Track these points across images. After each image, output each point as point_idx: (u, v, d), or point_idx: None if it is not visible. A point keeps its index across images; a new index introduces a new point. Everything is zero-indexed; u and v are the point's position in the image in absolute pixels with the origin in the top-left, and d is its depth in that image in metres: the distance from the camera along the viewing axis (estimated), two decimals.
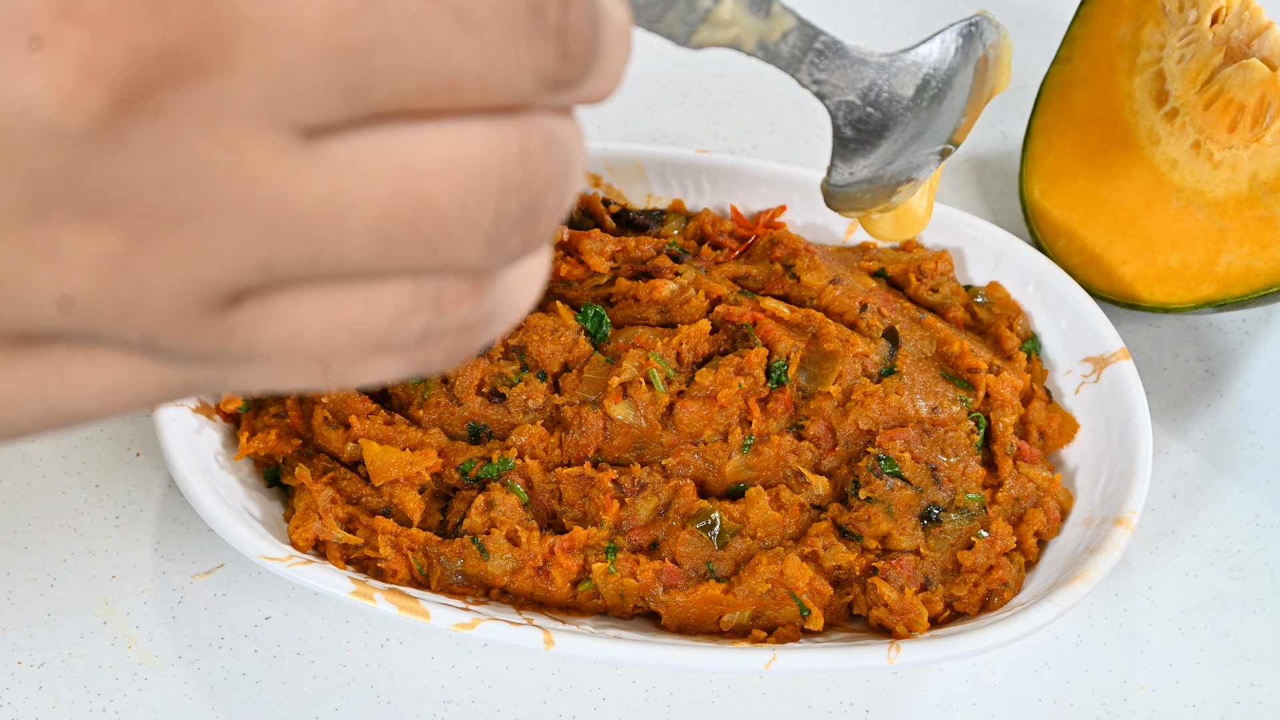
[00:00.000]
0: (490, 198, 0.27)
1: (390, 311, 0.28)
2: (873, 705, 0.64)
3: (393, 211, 0.26)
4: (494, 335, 0.30)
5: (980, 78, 0.50)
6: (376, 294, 0.27)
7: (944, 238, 0.74)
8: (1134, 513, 0.64)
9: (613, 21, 0.28)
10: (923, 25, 0.91)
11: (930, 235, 0.74)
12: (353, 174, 0.26)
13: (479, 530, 0.63)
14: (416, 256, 0.27)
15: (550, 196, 0.28)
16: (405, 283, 0.28)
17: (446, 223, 0.27)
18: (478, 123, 0.27)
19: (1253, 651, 0.67)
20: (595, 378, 0.67)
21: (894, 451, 0.64)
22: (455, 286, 0.28)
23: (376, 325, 0.28)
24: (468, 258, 0.27)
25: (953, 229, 0.74)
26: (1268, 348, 0.78)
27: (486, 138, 0.27)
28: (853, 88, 0.45)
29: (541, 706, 0.64)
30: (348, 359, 0.28)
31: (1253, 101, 0.72)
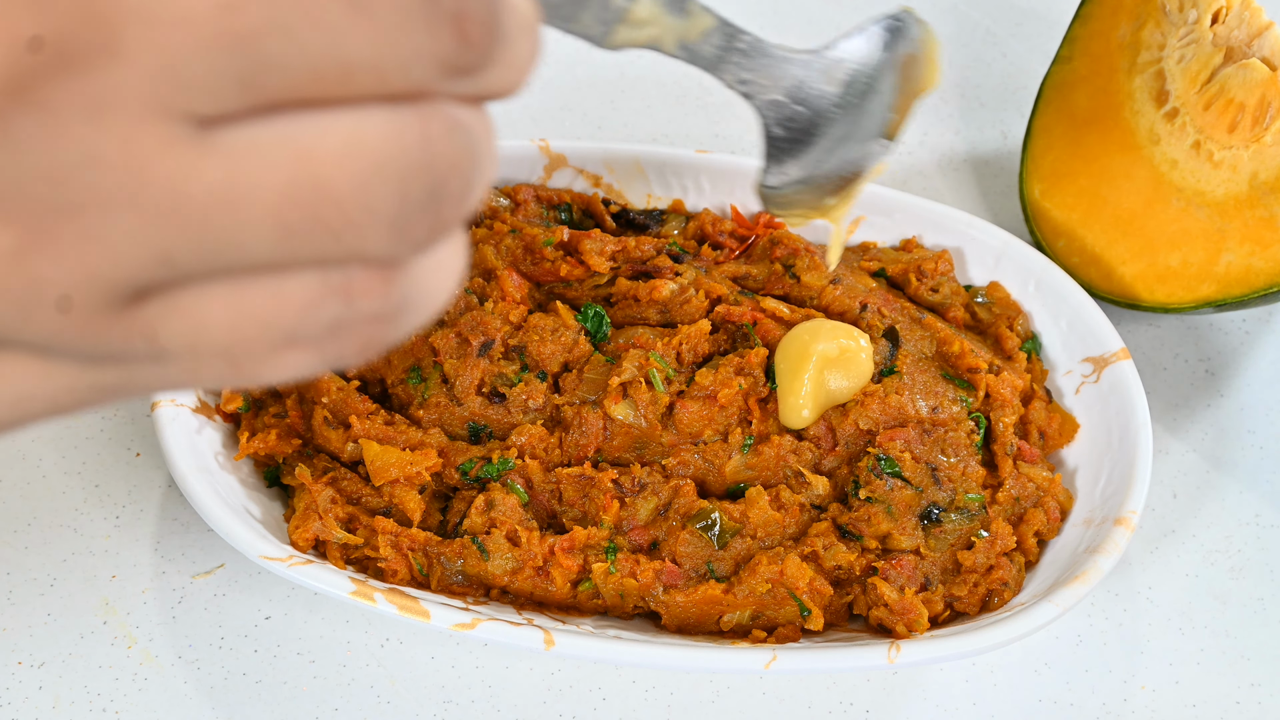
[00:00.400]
0: (391, 183, 0.26)
1: (298, 303, 0.27)
2: (873, 705, 0.64)
3: (291, 199, 0.26)
4: (409, 327, 0.29)
5: (907, 74, 0.49)
6: (283, 286, 0.27)
7: (944, 238, 0.74)
8: (1134, 513, 0.64)
9: (515, 11, 0.28)
10: None
11: (930, 235, 0.74)
12: (248, 163, 0.25)
13: (479, 530, 0.63)
14: (320, 245, 0.26)
15: (455, 182, 0.27)
16: (312, 274, 0.27)
17: (347, 209, 0.26)
18: (376, 110, 0.26)
19: (1253, 651, 0.67)
20: (595, 378, 0.67)
21: (894, 451, 0.64)
22: (364, 277, 0.28)
23: (284, 318, 0.27)
24: (374, 246, 0.27)
25: (953, 229, 0.74)
26: (1268, 348, 0.78)
27: (385, 124, 0.26)
28: (778, 86, 0.44)
29: (541, 706, 0.64)
30: (256, 353, 0.28)
31: (1253, 101, 0.72)
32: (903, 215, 0.74)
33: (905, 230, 0.74)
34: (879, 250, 0.74)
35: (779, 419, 0.65)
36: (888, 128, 0.51)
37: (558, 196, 0.74)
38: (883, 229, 0.75)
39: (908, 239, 0.74)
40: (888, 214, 0.74)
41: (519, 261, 0.70)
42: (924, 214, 0.74)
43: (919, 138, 0.86)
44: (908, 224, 0.74)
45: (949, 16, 0.92)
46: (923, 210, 0.74)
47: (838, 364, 0.65)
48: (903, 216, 0.74)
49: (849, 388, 0.65)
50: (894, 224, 0.75)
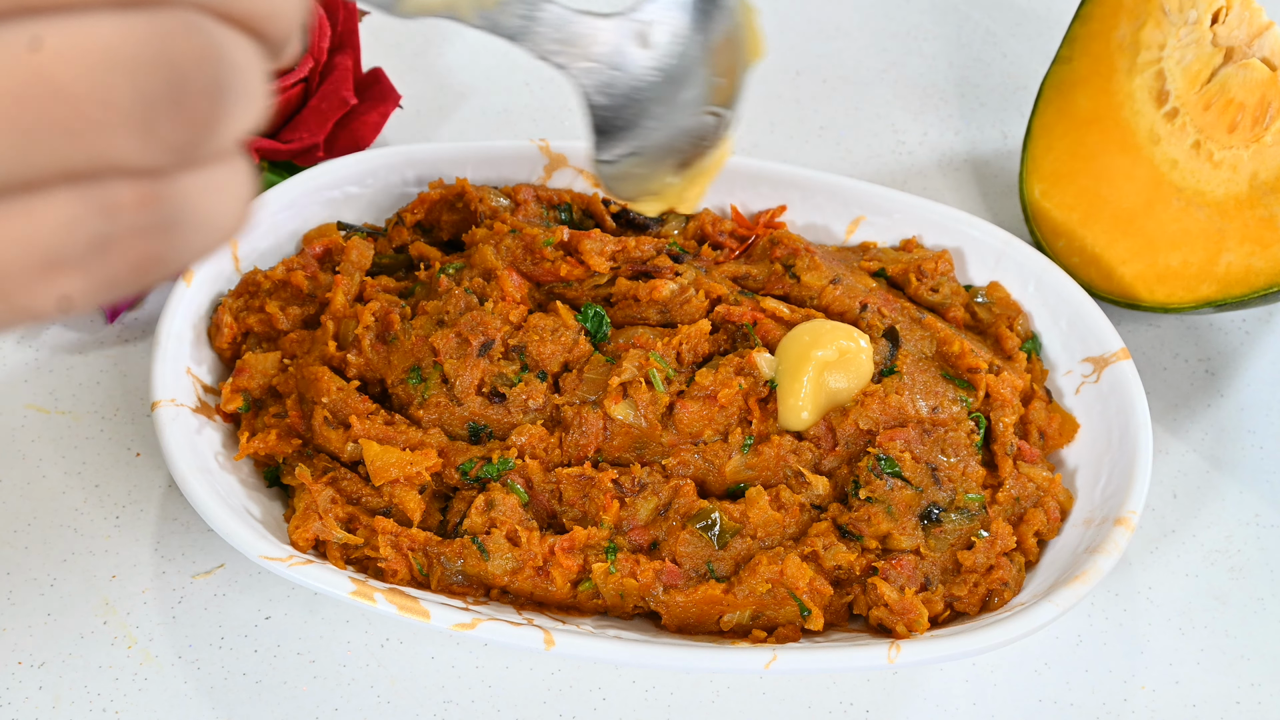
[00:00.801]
0: (123, 74, 0.25)
1: (54, 220, 0.26)
2: (873, 705, 0.64)
3: (20, 98, 0.25)
4: (188, 249, 0.28)
5: (728, 43, 0.47)
6: (35, 204, 0.26)
7: (944, 238, 0.74)
8: (1134, 513, 0.64)
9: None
10: (923, 25, 0.91)
11: (930, 235, 0.74)
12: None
13: (479, 530, 0.63)
14: (62, 150, 0.25)
15: (197, 78, 0.26)
16: (66, 189, 0.26)
17: (80, 104, 0.25)
18: (108, 11, 0.25)
19: (1253, 651, 0.67)
20: (595, 378, 0.67)
21: (894, 451, 0.64)
22: (124, 187, 0.27)
23: (42, 236, 0.26)
24: (122, 148, 0.26)
25: (953, 229, 0.74)
26: (1268, 348, 0.78)
27: (117, 21, 0.25)
28: (589, 53, 0.42)
29: (541, 706, 0.64)
30: (21, 279, 0.26)
31: (1253, 101, 0.72)
32: (903, 215, 0.74)
33: (905, 230, 0.74)
34: (879, 250, 0.74)
35: (779, 420, 0.65)
36: (719, 95, 0.47)
37: (558, 196, 0.74)
38: (883, 229, 0.75)
39: (908, 239, 0.74)
40: (888, 214, 0.75)
41: (519, 261, 0.70)
42: (924, 214, 0.74)
43: (919, 138, 0.86)
44: (908, 224, 0.74)
45: (949, 16, 0.92)
46: (923, 210, 0.74)
47: (838, 366, 0.65)
48: (903, 216, 0.74)
49: (849, 389, 0.65)
50: (894, 224, 0.75)
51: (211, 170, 0.28)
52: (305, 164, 0.79)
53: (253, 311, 0.69)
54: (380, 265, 0.72)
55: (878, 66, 0.89)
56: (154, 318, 0.74)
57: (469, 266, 0.70)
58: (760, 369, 0.65)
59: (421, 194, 0.74)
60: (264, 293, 0.69)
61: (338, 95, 0.79)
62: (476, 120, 0.85)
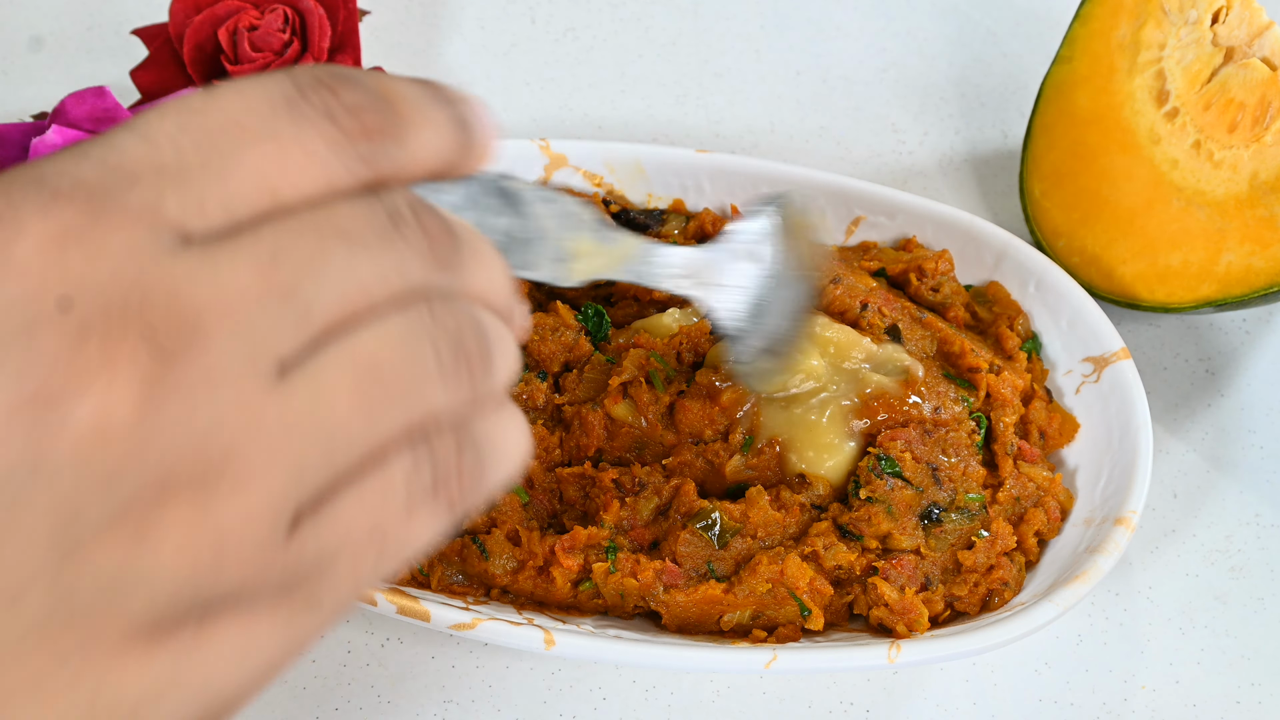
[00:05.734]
0: (424, 344, 0.34)
1: (402, 475, 0.34)
2: (873, 705, 0.64)
3: (361, 387, 0.33)
4: (490, 481, 0.36)
5: (797, 240, 0.56)
6: (387, 469, 0.34)
7: (944, 238, 0.74)
8: (1134, 512, 0.64)
9: (463, 225, 0.36)
10: (923, 25, 0.91)
11: (930, 235, 0.74)
12: (322, 382, 0.32)
13: (479, 529, 0.63)
14: (397, 413, 0.33)
15: (469, 336, 0.35)
16: (404, 451, 0.34)
17: (403, 373, 0.33)
18: (392, 311, 0.34)
19: (1253, 651, 0.67)
20: (595, 377, 0.67)
21: (894, 451, 0.64)
22: (440, 437, 0.35)
23: (398, 491, 0.34)
24: (435, 400, 0.34)
25: (953, 229, 0.74)
26: (1268, 348, 0.78)
27: (401, 316, 0.34)
28: (719, 282, 0.52)
29: (542, 706, 0.64)
30: (394, 529, 0.34)
31: (1253, 101, 0.72)
32: (903, 215, 0.74)
33: (905, 230, 0.74)
34: (879, 250, 0.74)
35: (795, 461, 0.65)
36: (803, 269, 0.58)
37: None
38: (883, 229, 0.75)
39: (908, 239, 0.74)
40: (888, 214, 0.74)
41: None
42: (924, 214, 0.74)
43: (919, 138, 0.86)
44: (908, 224, 0.74)
45: (949, 16, 0.92)
46: (923, 210, 0.74)
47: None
48: (903, 216, 0.74)
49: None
50: (894, 224, 0.75)
51: (496, 415, 0.36)
52: None
53: None
54: None
55: (878, 66, 0.89)
56: None
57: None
58: None
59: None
60: None
61: None
62: None
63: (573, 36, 0.90)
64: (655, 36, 0.90)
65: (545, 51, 0.89)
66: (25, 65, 0.86)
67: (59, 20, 0.88)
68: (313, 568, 0.33)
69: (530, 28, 0.90)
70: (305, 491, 0.32)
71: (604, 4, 0.91)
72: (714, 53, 0.89)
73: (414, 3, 0.91)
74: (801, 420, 0.64)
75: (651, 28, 0.90)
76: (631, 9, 0.91)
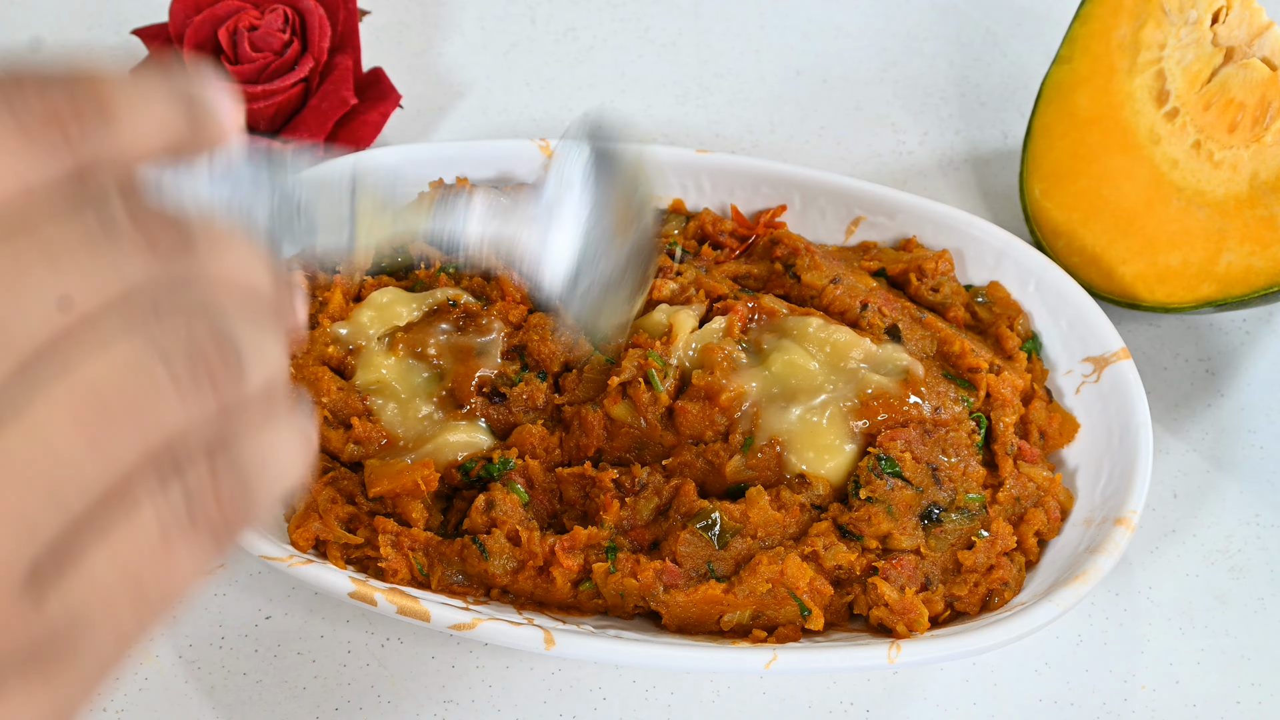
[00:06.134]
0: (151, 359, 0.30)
1: (152, 511, 0.30)
2: (873, 705, 0.64)
3: (85, 419, 0.29)
4: (257, 503, 0.32)
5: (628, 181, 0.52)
6: (133, 506, 0.30)
7: (944, 238, 0.74)
8: (1134, 512, 0.64)
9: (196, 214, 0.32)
10: (923, 25, 0.91)
11: (930, 235, 0.74)
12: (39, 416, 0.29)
13: (480, 530, 0.63)
14: (131, 442, 0.30)
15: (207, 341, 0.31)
16: (150, 483, 0.30)
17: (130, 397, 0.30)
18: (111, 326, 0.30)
19: (1253, 651, 0.67)
20: (595, 377, 0.67)
21: (894, 451, 0.64)
22: (191, 462, 0.31)
23: (148, 528, 0.30)
24: (175, 418, 0.30)
25: (953, 229, 0.74)
26: (1268, 347, 0.78)
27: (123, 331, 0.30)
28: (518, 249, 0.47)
29: (542, 706, 0.64)
30: (151, 571, 0.31)
31: (1253, 101, 0.72)
32: (903, 215, 0.74)
33: (905, 230, 0.74)
34: (879, 250, 0.74)
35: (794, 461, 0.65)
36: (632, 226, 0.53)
37: None
38: (883, 229, 0.75)
39: (908, 239, 0.74)
40: (888, 214, 0.74)
41: None
42: (924, 214, 0.74)
43: (919, 138, 0.86)
44: (908, 224, 0.74)
45: (949, 16, 0.92)
46: (923, 210, 0.74)
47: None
48: (903, 216, 0.74)
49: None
50: (894, 224, 0.75)
51: (260, 425, 0.32)
52: None
53: None
54: (380, 265, 0.72)
55: (878, 66, 0.89)
56: None
57: (469, 266, 0.70)
58: None
59: (421, 194, 0.74)
60: None
61: (338, 95, 0.79)
62: (476, 120, 0.85)
63: (573, 36, 0.90)
64: (655, 36, 0.90)
65: (545, 51, 0.89)
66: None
67: (59, 20, 0.88)
68: (65, 629, 0.30)
69: (530, 28, 0.90)
70: (39, 547, 0.29)
71: (604, 4, 0.91)
72: (714, 53, 0.89)
73: (414, 3, 0.91)
74: (802, 420, 0.64)
75: (651, 28, 0.90)
76: (631, 9, 0.91)
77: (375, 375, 0.66)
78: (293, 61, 0.79)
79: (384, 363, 0.67)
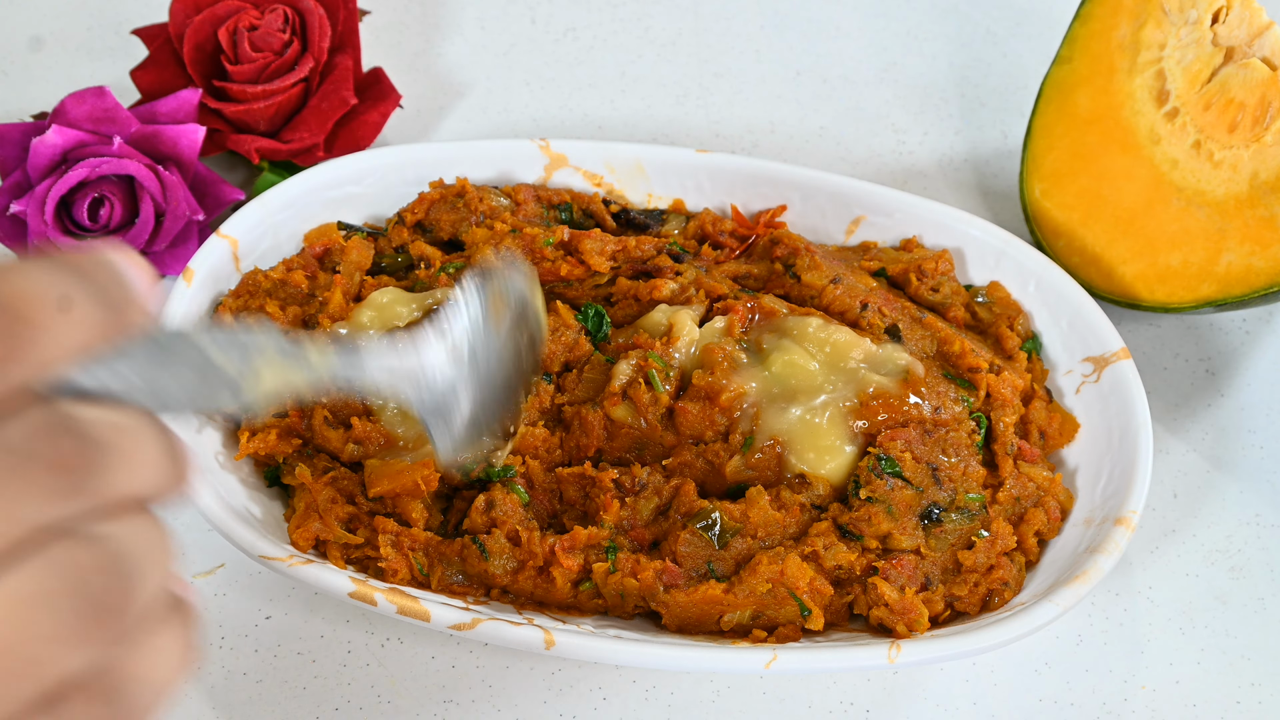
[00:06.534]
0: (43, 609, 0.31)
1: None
2: (873, 705, 0.64)
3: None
4: (150, 707, 0.34)
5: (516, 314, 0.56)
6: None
7: (944, 238, 0.74)
8: (1134, 512, 0.64)
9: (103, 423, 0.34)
10: (923, 25, 0.91)
11: (930, 235, 0.74)
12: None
13: (480, 530, 0.63)
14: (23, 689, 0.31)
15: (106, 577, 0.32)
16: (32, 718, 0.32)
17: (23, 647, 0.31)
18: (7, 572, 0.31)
19: (1253, 651, 0.67)
20: (596, 377, 0.67)
21: (895, 451, 0.64)
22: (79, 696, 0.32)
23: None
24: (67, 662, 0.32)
25: (953, 229, 0.74)
26: (1268, 347, 0.78)
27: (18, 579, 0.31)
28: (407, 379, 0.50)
29: (542, 706, 0.64)
30: None
31: (1253, 101, 0.72)
32: (903, 215, 0.74)
33: (905, 230, 0.74)
34: (879, 250, 0.74)
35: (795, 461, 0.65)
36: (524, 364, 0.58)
37: (558, 196, 0.74)
38: (883, 229, 0.75)
39: (908, 239, 0.74)
40: (888, 214, 0.74)
41: None
42: (924, 214, 0.74)
43: (919, 138, 0.86)
44: (908, 224, 0.74)
45: (949, 16, 0.92)
46: (923, 210, 0.74)
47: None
48: (903, 216, 0.74)
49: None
50: (894, 224, 0.75)
51: (147, 641, 0.34)
52: (305, 164, 0.79)
53: (252, 311, 0.69)
54: (380, 265, 0.72)
55: (878, 66, 0.89)
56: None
57: (469, 266, 0.70)
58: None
59: (421, 194, 0.74)
60: (264, 292, 0.69)
61: (338, 95, 0.79)
62: (476, 120, 0.85)
63: (573, 36, 0.90)
64: (655, 36, 0.90)
65: (545, 51, 0.89)
66: (25, 65, 0.86)
67: (59, 20, 0.88)
68: None
69: (530, 28, 0.90)
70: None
71: (604, 4, 0.91)
72: (714, 53, 0.89)
73: (414, 3, 0.91)
74: (802, 421, 0.64)
75: (651, 28, 0.90)
76: (631, 9, 0.91)
77: None
78: (293, 61, 0.79)
79: None
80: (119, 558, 0.33)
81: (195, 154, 0.75)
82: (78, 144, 0.74)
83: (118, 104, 0.75)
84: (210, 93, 0.79)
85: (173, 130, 0.75)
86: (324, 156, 0.79)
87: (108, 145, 0.74)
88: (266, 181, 0.78)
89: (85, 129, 0.75)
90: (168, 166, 0.75)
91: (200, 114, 0.78)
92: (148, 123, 0.76)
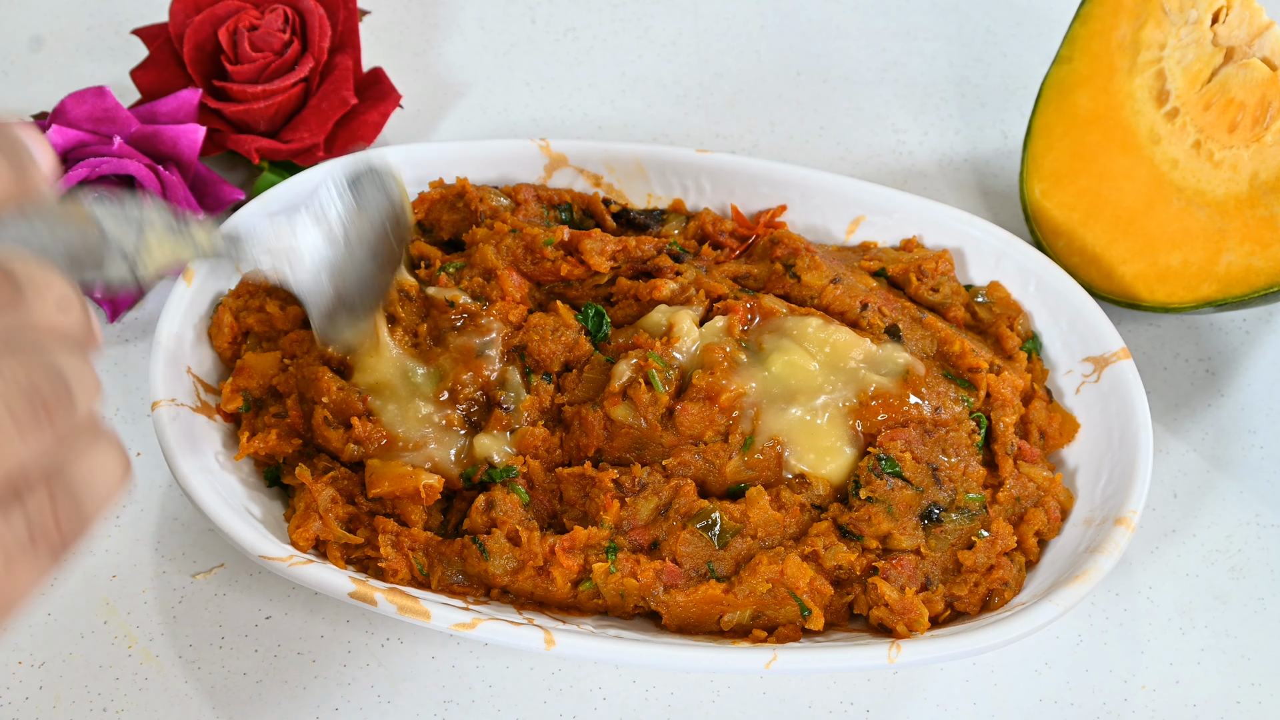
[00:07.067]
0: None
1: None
2: (873, 705, 0.64)
3: None
4: (88, 518, 0.37)
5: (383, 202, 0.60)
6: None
7: (944, 238, 0.74)
8: (1134, 512, 0.64)
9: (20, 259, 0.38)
10: (923, 25, 0.91)
11: (930, 235, 0.74)
12: None
13: (480, 530, 0.63)
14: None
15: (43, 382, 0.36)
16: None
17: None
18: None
19: (1253, 651, 0.67)
20: (596, 377, 0.67)
21: (895, 451, 0.64)
22: (31, 491, 0.36)
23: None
24: (19, 454, 0.35)
25: (953, 229, 0.74)
26: (1268, 347, 0.78)
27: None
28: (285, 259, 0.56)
29: (542, 706, 0.64)
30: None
31: (1253, 101, 0.72)
32: (903, 215, 0.74)
33: (905, 230, 0.74)
34: (879, 250, 0.74)
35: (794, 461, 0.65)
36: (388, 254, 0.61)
37: (558, 196, 0.74)
38: (883, 229, 0.75)
39: (908, 239, 0.74)
40: (888, 214, 0.74)
41: (519, 261, 0.70)
42: (924, 214, 0.74)
43: (919, 138, 0.86)
44: (908, 224, 0.74)
45: (949, 16, 0.92)
46: (923, 210, 0.74)
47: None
48: (903, 216, 0.74)
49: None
50: (894, 224, 0.75)
51: (88, 448, 0.38)
52: (305, 164, 0.79)
53: (252, 311, 0.69)
54: None
55: (878, 66, 0.89)
56: (154, 317, 0.74)
57: (469, 266, 0.70)
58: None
59: (422, 194, 0.74)
60: (264, 292, 0.69)
61: (338, 95, 0.79)
62: (476, 120, 0.85)
63: (573, 36, 0.90)
64: (655, 36, 0.90)
65: (545, 51, 0.89)
66: (25, 65, 0.86)
67: (59, 20, 0.88)
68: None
69: (530, 28, 0.90)
70: None
71: (604, 4, 0.91)
72: (714, 53, 0.89)
73: (414, 3, 0.91)
74: (801, 421, 0.64)
75: (651, 28, 0.90)
76: (631, 9, 0.91)
77: (375, 375, 0.66)
78: (293, 61, 0.79)
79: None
80: (57, 369, 0.37)
81: (195, 154, 0.75)
82: (78, 144, 0.74)
83: (118, 104, 0.75)
84: (210, 93, 0.79)
85: (173, 130, 0.75)
86: (324, 156, 0.79)
87: (108, 145, 0.74)
88: (266, 181, 0.78)
89: (85, 129, 0.75)
90: (168, 166, 0.75)
91: (200, 114, 0.78)
92: (148, 123, 0.76)
